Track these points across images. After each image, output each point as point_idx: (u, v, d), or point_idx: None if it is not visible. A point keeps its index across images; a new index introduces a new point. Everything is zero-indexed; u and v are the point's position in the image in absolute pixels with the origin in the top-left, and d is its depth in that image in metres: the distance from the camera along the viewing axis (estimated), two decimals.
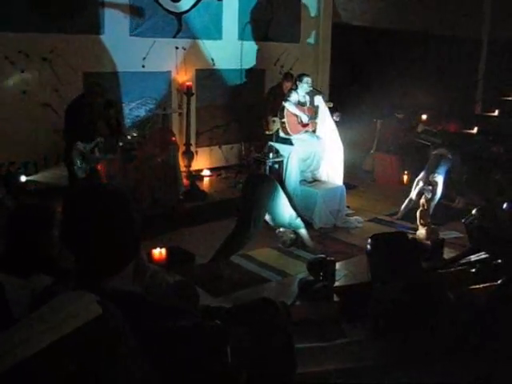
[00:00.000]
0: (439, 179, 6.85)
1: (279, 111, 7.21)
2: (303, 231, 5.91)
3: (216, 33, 8.96)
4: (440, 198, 6.91)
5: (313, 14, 10.25)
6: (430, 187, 6.75)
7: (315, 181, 7.13)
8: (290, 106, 7.03)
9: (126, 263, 1.48)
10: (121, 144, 6.73)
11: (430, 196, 6.69)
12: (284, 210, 5.80)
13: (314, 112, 7.20)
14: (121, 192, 1.53)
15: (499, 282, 3.41)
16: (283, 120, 7.08)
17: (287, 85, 8.57)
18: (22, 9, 6.99)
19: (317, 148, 7.13)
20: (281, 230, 6.00)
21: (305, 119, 7.09)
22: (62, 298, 1.37)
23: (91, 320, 1.28)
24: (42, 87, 7.26)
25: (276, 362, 1.78)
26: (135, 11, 7.99)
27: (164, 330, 1.39)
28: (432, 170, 6.94)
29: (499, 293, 3.34)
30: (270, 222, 5.91)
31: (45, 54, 7.25)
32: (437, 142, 8.26)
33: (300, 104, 7.16)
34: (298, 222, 5.88)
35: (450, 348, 2.87)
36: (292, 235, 5.98)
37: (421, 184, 6.85)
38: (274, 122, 8.14)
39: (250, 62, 9.39)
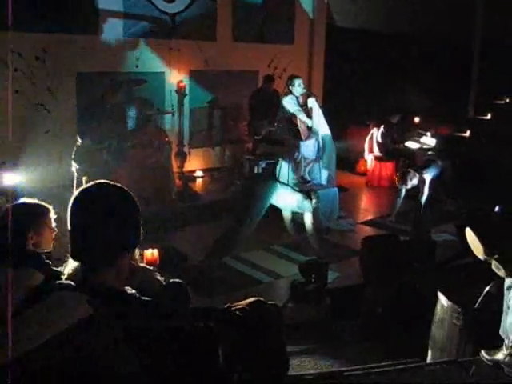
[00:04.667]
0: (427, 177, 6.79)
1: (290, 120, 7.09)
2: (308, 215, 5.85)
3: (210, 34, 8.96)
4: (428, 199, 6.88)
5: (307, 16, 10.27)
6: (416, 179, 6.66)
7: (308, 183, 7.12)
8: (300, 114, 6.99)
9: (118, 257, 1.48)
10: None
11: (409, 186, 6.64)
12: (288, 198, 5.79)
13: (310, 114, 7.19)
14: (123, 189, 1.55)
15: (489, 285, 3.43)
16: (298, 128, 7.04)
17: (269, 86, 8.60)
18: (15, 7, 6.95)
19: (310, 150, 7.13)
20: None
21: (310, 123, 7.10)
22: (55, 297, 1.37)
23: (82, 319, 1.28)
24: (34, 87, 7.23)
25: (268, 364, 1.79)
26: (129, 12, 7.98)
27: (155, 330, 1.39)
28: (421, 169, 6.90)
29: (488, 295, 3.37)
30: (286, 213, 5.92)
31: (38, 54, 7.22)
32: (429, 144, 8.29)
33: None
34: (306, 203, 5.79)
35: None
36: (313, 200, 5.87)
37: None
38: (262, 125, 8.13)
39: (243, 63, 9.39)
